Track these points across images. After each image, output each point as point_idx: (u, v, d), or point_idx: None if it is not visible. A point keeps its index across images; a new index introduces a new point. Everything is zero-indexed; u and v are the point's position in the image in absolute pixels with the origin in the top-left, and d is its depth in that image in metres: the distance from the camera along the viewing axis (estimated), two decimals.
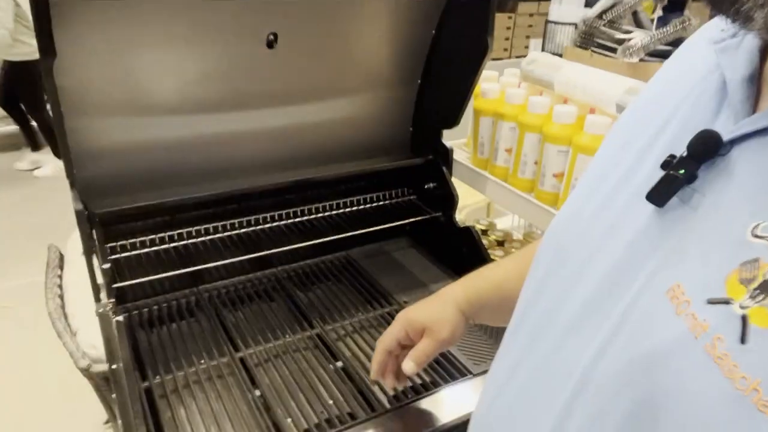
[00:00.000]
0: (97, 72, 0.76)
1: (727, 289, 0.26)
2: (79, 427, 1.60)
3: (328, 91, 0.98)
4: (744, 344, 0.24)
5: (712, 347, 0.25)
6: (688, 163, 0.30)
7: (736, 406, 0.24)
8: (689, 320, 0.27)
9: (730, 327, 0.25)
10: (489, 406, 0.42)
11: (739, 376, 0.24)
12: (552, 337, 0.36)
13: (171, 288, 0.92)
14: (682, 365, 0.26)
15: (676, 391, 0.26)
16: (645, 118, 0.37)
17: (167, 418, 0.67)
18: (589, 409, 0.32)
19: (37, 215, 2.78)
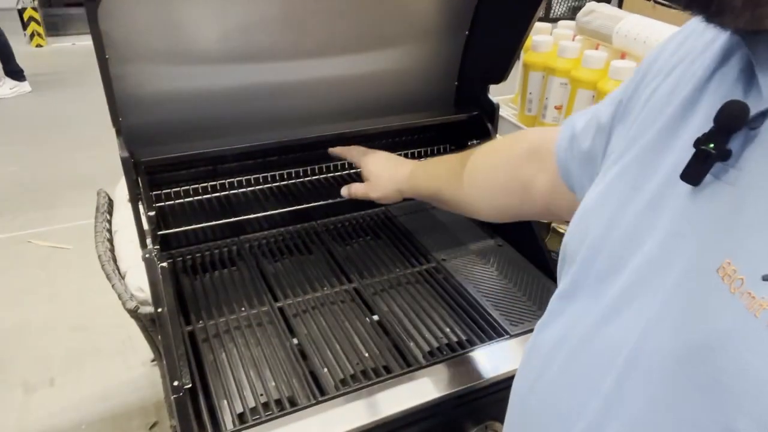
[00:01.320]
0: (142, 18, 0.75)
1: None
2: (128, 365, 1.70)
3: (372, 42, 0.95)
4: None
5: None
6: (717, 136, 0.29)
7: None
8: (746, 299, 0.26)
9: None
10: (531, 387, 0.42)
11: None
12: (594, 318, 0.36)
13: (213, 237, 0.94)
14: (744, 346, 0.26)
15: (741, 373, 0.26)
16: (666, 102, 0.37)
17: (209, 361, 0.70)
18: (640, 395, 0.32)
19: (88, 162, 2.88)
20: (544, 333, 0.43)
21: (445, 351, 0.72)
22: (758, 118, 0.28)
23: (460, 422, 0.69)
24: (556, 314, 0.42)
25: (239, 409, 0.63)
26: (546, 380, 0.40)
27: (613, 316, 0.35)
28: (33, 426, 1.51)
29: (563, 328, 0.40)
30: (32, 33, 4.79)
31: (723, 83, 0.33)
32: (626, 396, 0.33)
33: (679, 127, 0.35)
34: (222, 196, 0.94)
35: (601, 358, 0.35)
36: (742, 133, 0.29)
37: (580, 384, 0.37)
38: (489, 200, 0.68)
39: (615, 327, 0.35)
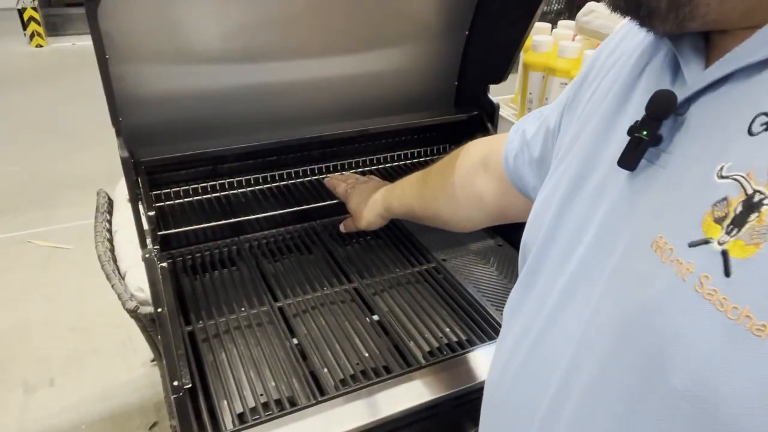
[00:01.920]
0: (142, 18, 0.75)
1: (704, 230, 0.27)
2: (128, 365, 1.70)
3: (372, 42, 0.95)
4: (729, 277, 0.26)
5: (701, 286, 0.27)
6: (649, 123, 0.32)
7: (733, 336, 0.25)
8: (675, 265, 0.28)
9: (713, 264, 0.26)
10: (499, 379, 0.45)
11: (731, 307, 0.25)
12: (550, 307, 0.39)
13: (213, 237, 0.94)
14: (676, 308, 0.28)
15: (674, 334, 0.28)
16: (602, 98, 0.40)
17: (209, 361, 0.70)
18: (591, 367, 0.34)
19: (88, 162, 2.88)
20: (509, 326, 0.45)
21: (445, 351, 0.72)
22: (684, 105, 0.31)
23: (459, 422, 0.69)
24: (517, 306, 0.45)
25: (239, 409, 0.63)
26: (511, 372, 0.43)
27: (567, 302, 0.37)
28: (33, 426, 1.51)
29: (526, 318, 0.42)
30: (32, 33, 4.79)
31: (653, 76, 0.36)
32: (580, 374, 0.35)
33: (616, 119, 0.38)
34: (222, 196, 0.94)
35: (558, 344, 0.37)
36: (671, 120, 0.32)
37: (541, 371, 0.39)
38: (452, 213, 0.73)
39: (569, 312, 0.37)
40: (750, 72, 0.28)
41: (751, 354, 0.25)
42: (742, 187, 0.26)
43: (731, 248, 0.26)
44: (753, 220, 0.26)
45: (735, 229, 0.26)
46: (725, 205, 0.27)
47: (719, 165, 0.28)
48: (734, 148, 0.28)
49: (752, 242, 0.25)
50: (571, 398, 0.36)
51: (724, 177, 0.27)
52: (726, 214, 0.27)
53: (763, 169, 0.26)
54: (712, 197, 0.28)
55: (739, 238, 0.26)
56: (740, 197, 0.26)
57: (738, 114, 0.28)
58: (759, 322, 0.24)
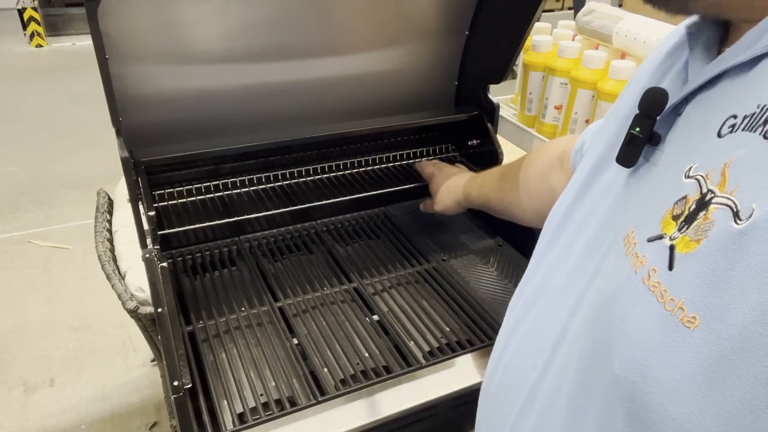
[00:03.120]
0: (142, 18, 0.75)
1: (662, 226, 0.29)
2: (128, 365, 1.70)
3: (373, 43, 0.95)
4: (671, 271, 0.27)
5: (648, 278, 0.28)
6: (642, 120, 0.33)
7: (667, 327, 0.26)
8: (633, 259, 0.30)
9: (661, 258, 0.28)
10: (494, 369, 0.46)
11: (669, 299, 0.26)
12: (543, 303, 0.40)
13: (213, 237, 0.94)
14: (626, 299, 0.29)
15: (621, 323, 0.29)
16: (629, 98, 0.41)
17: (209, 361, 0.70)
18: (565, 358, 0.36)
19: (88, 162, 2.88)
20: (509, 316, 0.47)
21: (445, 351, 0.72)
22: (683, 103, 0.32)
23: (459, 422, 0.69)
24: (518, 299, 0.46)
25: (239, 409, 0.63)
26: (503, 363, 0.44)
27: (559, 297, 0.38)
28: (33, 426, 1.51)
29: (519, 311, 0.44)
30: (32, 33, 4.79)
31: (672, 77, 0.36)
32: (555, 364, 0.37)
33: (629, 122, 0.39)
34: (222, 196, 0.94)
35: (545, 333, 0.39)
36: (670, 117, 0.32)
37: (526, 362, 0.41)
38: (526, 206, 0.74)
39: (558, 306, 0.38)
40: (738, 71, 0.28)
41: (681, 344, 0.26)
42: (699, 186, 0.27)
43: (678, 244, 0.27)
44: (700, 217, 0.26)
45: (685, 226, 0.27)
46: (683, 204, 0.28)
47: (689, 165, 0.29)
48: (704, 149, 0.28)
49: (695, 238, 0.26)
50: (546, 385, 0.37)
51: (690, 177, 0.28)
52: (682, 212, 0.28)
53: (718, 170, 0.26)
54: (675, 195, 0.28)
55: (686, 235, 0.27)
56: (696, 196, 0.27)
57: (717, 115, 0.28)
58: (690, 314, 0.25)
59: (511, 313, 0.46)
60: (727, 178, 0.26)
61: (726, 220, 0.25)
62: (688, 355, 0.25)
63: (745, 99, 0.27)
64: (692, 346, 0.25)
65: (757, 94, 0.26)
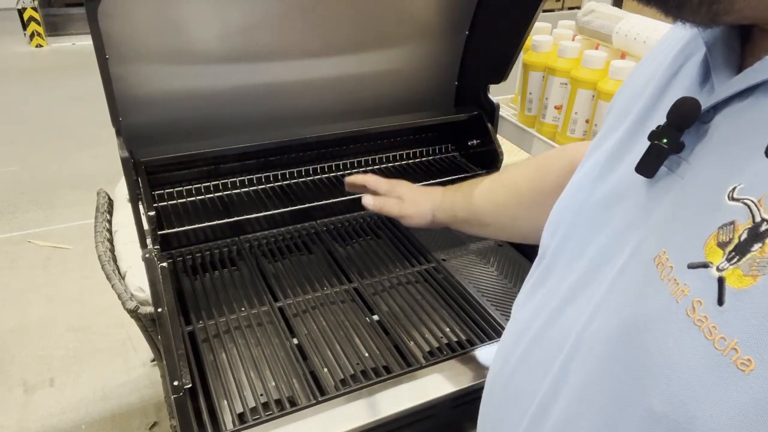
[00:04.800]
0: (142, 18, 0.75)
1: (706, 252, 0.26)
2: (128, 365, 1.70)
3: (372, 42, 0.95)
4: (721, 306, 0.25)
5: (693, 311, 0.26)
6: (670, 131, 0.30)
7: (717, 367, 0.24)
8: (672, 285, 0.27)
9: (708, 290, 0.25)
10: (499, 372, 0.44)
11: (719, 337, 0.24)
12: (554, 305, 0.38)
13: (213, 237, 0.94)
14: (665, 329, 0.27)
15: (660, 355, 0.27)
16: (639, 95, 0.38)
17: (209, 361, 0.70)
18: (580, 373, 0.33)
19: (88, 162, 2.88)
20: (515, 319, 0.45)
21: (445, 351, 0.72)
22: (710, 112, 0.29)
23: (459, 422, 0.69)
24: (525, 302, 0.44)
25: (239, 409, 0.63)
26: (510, 366, 0.42)
27: (569, 303, 0.36)
28: (33, 426, 1.51)
29: (529, 315, 0.42)
30: (32, 33, 4.79)
31: (687, 77, 0.34)
32: (569, 377, 0.34)
33: (648, 119, 0.36)
34: (222, 196, 0.94)
35: (555, 343, 0.36)
36: (695, 126, 0.30)
37: (536, 369, 0.38)
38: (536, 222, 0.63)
39: (569, 313, 0.36)
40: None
41: (733, 387, 0.24)
42: (751, 213, 0.25)
43: (728, 276, 0.25)
44: (756, 250, 0.24)
45: (736, 257, 0.25)
46: (731, 230, 0.26)
47: (732, 185, 0.26)
48: (749, 169, 0.26)
49: (750, 273, 0.24)
50: (559, 402, 0.35)
51: (735, 199, 0.26)
52: (730, 240, 0.26)
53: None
54: (719, 219, 0.26)
55: (738, 267, 0.25)
56: (747, 224, 0.25)
57: (759, 130, 0.26)
58: (745, 356, 0.24)
59: (519, 315, 0.44)
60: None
61: None
62: (741, 400, 0.24)
63: None
64: (747, 390, 0.23)
65: None
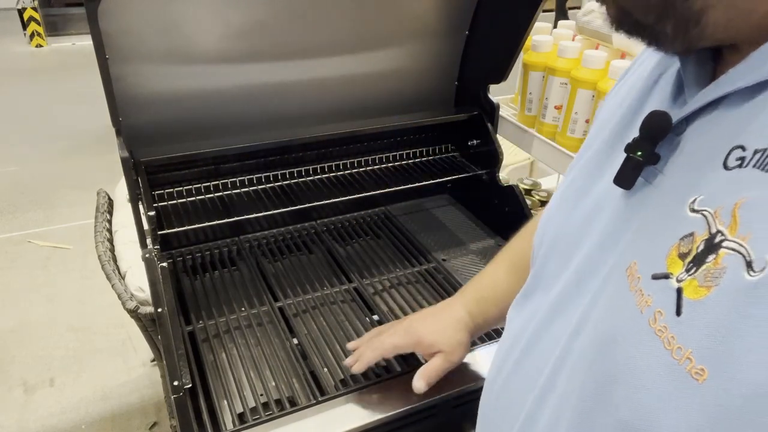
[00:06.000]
0: (142, 18, 0.75)
1: (668, 263, 0.27)
2: (128, 365, 1.70)
3: (372, 42, 0.95)
4: (679, 316, 0.25)
5: (654, 321, 0.27)
6: (644, 144, 0.31)
7: (675, 376, 0.25)
8: (638, 296, 0.28)
9: (668, 300, 0.26)
10: (493, 381, 0.45)
11: (676, 347, 0.25)
12: (542, 315, 0.38)
13: (213, 237, 0.94)
14: (631, 340, 0.28)
15: (626, 366, 0.28)
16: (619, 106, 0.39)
17: (209, 361, 0.70)
18: (564, 385, 0.34)
19: (88, 162, 2.88)
20: (509, 328, 0.45)
21: None
22: (682, 124, 0.30)
23: (459, 422, 0.69)
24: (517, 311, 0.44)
25: (239, 409, 0.63)
26: (503, 376, 0.42)
27: (557, 314, 0.37)
28: (33, 426, 1.51)
29: (521, 325, 0.42)
30: (32, 33, 4.79)
31: (663, 89, 0.35)
32: (555, 389, 0.35)
33: (624, 133, 0.37)
34: (222, 195, 0.94)
35: (544, 354, 0.37)
36: (669, 139, 0.31)
37: (527, 378, 0.39)
38: None
39: (557, 324, 0.37)
40: (743, 96, 0.27)
41: (690, 397, 0.24)
42: (708, 224, 0.26)
43: (686, 287, 0.26)
44: (710, 261, 0.25)
45: (694, 268, 0.26)
46: (690, 241, 0.26)
47: (693, 196, 0.27)
48: (709, 181, 0.27)
49: (704, 284, 0.25)
50: (545, 412, 0.36)
51: (695, 210, 0.27)
52: (689, 251, 0.26)
53: (728, 209, 0.25)
54: (681, 230, 0.27)
55: (695, 278, 0.25)
56: (704, 235, 0.26)
57: (721, 142, 0.27)
58: (698, 366, 0.24)
59: (512, 324, 0.44)
60: (738, 221, 0.24)
61: (738, 269, 0.23)
62: (695, 409, 0.24)
63: (754, 129, 0.25)
64: (700, 399, 0.24)
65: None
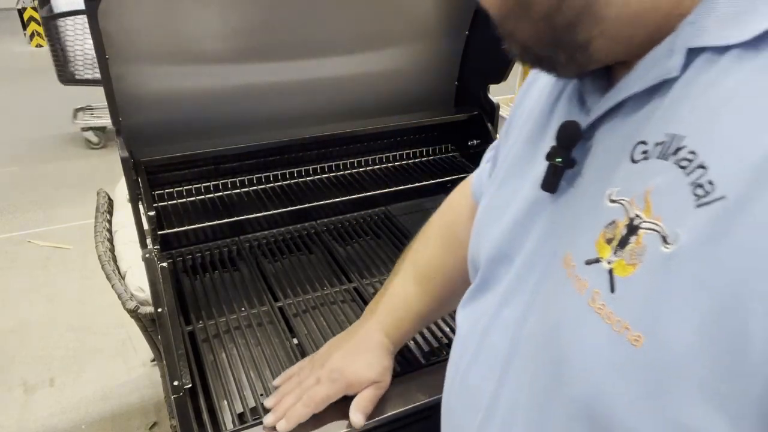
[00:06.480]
0: (142, 18, 0.75)
1: (597, 249, 0.31)
2: (128, 365, 1.70)
3: (372, 42, 0.95)
4: (613, 293, 0.29)
5: (593, 301, 0.30)
6: (560, 151, 0.35)
7: (616, 346, 0.28)
8: (575, 281, 0.32)
9: (602, 281, 0.30)
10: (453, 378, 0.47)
11: (615, 320, 0.28)
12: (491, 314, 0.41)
13: (213, 237, 0.94)
14: (575, 320, 0.31)
15: (572, 345, 0.31)
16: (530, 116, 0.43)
17: (209, 361, 0.70)
18: (518, 373, 0.37)
19: (88, 162, 2.88)
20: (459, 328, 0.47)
21: (445, 351, 0.72)
22: (590, 130, 0.34)
23: None
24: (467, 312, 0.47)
25: (239, 409, 0.63)
26: (461, 372, 0.45)
27: (504, 308, 0.40)
28: (33, 426, 1.51)
29: (472, 323, 0.44)
30: (32, 33, 4.79)
31: (568, 101, 0.38)
32: (509, 376, 0.38)
33: (540, 141, 0.40)
34: (222, 196, 0.94)
35: (497, 346, 0.40)
36: (581, 144, 0.35)
37: (483, 371, 0.41)
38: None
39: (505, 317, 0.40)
40: (637, 101, 0.31)
41: (630, 362, 0.28)
42: (626, 211, 0.29)
43: (616, 267, 0.29)
44: (632, 242, 0.29)
45: (620, 250, 0.29)
46: (614, 228, 0.30)
47: (610, 189, 0.31)
48: (620, 174, 0.31)
49: (631, 262, 0.28)
50: (503, 400, 0.39)
51: (614, 201, 0.30)
52: (614, 236, 0.30)
53: (641, 196, 0.29)
54: (604, 220, 0.31)
55: (622, 258, 0.29)
56: (625, 221, 0.29)
57: (626, 141, 0.31)
58: (635, 333, 0.27)
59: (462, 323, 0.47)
60: (650, 205, 0.28)
61: (656, 245, 0.27)
62: (638, 373, 0.27)
63: (651, 126, 0.29)
64: (641, 363, 0.27)
65: (663, 123, 0.29)
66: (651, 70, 0.29)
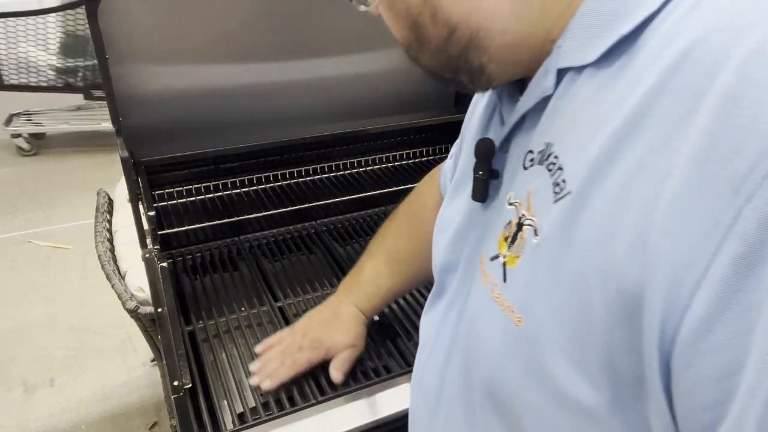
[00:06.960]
0: (142, 18, 0.75)
1: (498, 247, 0.35)
2: (128, 365, 1.70)
3: (372, 42, 0.95)
4: (505, 282, 0.33)
5: (492, 291, 0.34)
6: (481, 164, 0.39)
7: (506, 329, 0.32)
8: (483, 276, 0.36)
9: (498, 273, 0.34)
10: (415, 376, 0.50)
11: (506, 306, 0.33)
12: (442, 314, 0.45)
13: (213, 237, 0.94)
14: (483, 312, 0.35)
15: (480, 334, 0.35)
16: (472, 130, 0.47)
17: (209, 361, 0.70)
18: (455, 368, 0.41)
19: (88, 162, 2.88)
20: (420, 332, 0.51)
21: None
22: (507, 143, 0.38)
23: None
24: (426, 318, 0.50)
25: (239, 409, 0.63)
26: (420, 371, 0.48)
27: (449, 311, 0.44)
28: (33, 426, 1.51)
29: (428, 327, 0.49)
30: None
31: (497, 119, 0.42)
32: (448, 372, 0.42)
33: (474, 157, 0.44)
34: (222, 196, 0.94)
35: (443, 345, 0.44)
36: (500, 156, 0.38)
37: (434, 370, 0.45)
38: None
39: (449, 319, 0.44)
40: (535, 113, 0.35)
41: (516, 342, 0.32)
42: (518, 211, 0.34)
43: (508, 260, 0.33)
44: (519, 237, 0.33)
45: (512, 245, 0.33)
46: (510, 227, 0.34)
47: (510, 193, 0.35)
48: (517, 180, 0.35)
49: (516, 254, 0.33)
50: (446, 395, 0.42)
51: (511, 204, 0.34)
52: (510, 234, 0.34)
53: (525, 197, 0.33)
54: (504, 220, 0.35)
55: (511, 252, 0.33)
56: (516, 220, 0.33)
57: (522, 151, 0.35)
58: (518, 315, 0.32)
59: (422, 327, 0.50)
60: (531, 204, 0.32)
61: (530, 237, 0.31)
62: (521, 349, 0.31)
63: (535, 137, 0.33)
64: (523, 341, 0.31)
65: (542, 134, 0.33)
66: (535, 90, 0.33)
